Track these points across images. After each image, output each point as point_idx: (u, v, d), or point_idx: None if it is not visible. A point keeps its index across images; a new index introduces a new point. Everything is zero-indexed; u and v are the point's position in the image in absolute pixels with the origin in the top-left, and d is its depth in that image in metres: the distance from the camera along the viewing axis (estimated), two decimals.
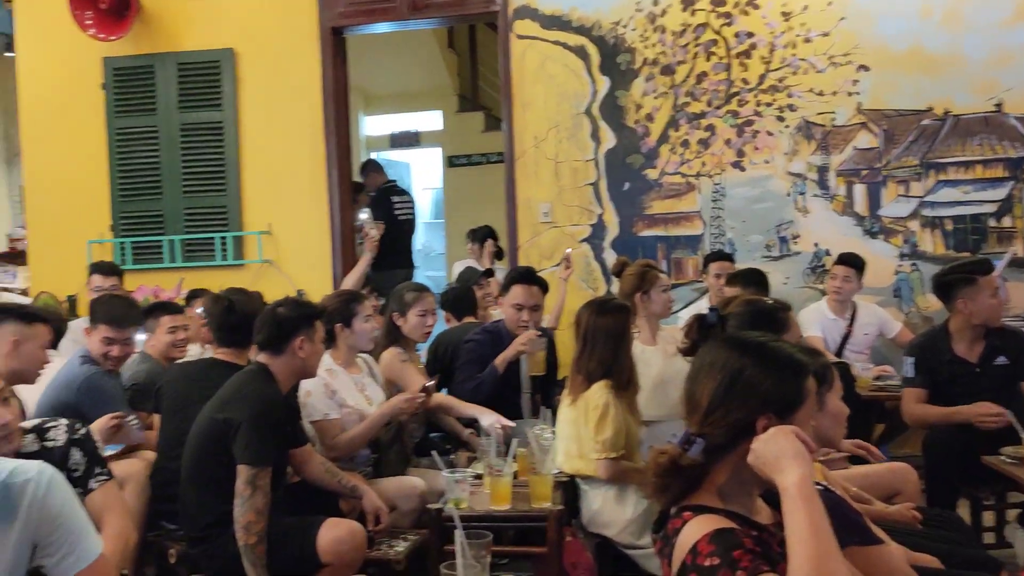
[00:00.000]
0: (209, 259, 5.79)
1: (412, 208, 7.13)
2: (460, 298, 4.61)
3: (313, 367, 3.05)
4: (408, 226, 7.03)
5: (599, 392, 3.03)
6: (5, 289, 8.50)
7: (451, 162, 9.26)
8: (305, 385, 3.23)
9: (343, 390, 3.39)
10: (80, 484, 2.20)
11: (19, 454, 2.10)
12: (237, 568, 2.66)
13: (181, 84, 5.79)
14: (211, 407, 2.85)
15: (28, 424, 2.32)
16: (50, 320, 3.11)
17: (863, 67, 5.03)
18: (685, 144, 5.23)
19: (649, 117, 5.28)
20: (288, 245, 5.77)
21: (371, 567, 2.81)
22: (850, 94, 5.06)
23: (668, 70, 5.25)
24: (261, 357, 2.94)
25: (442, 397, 3.74)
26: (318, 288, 5.38)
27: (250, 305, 3.24)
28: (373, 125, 9.65)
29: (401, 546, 3.00)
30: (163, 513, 3.15)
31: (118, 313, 3.50)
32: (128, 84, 5.86)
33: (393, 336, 3.87)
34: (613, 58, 5.30)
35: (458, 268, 6.19)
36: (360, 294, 3.67)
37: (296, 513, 2.91)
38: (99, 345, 3.45)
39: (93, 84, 5.89)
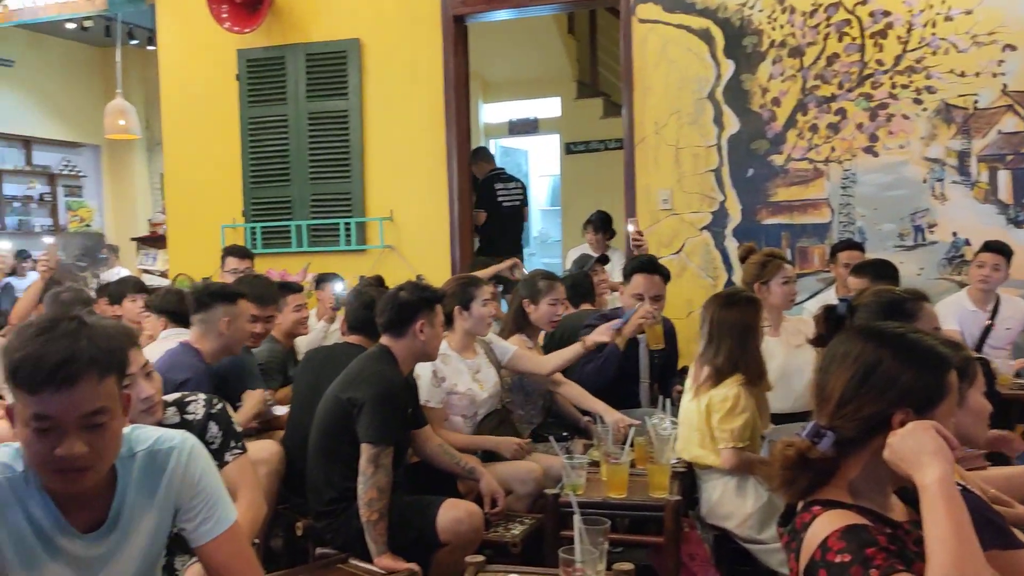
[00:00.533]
0: (333, 244, 5.97)
1: (519, 195, 7.12)
2: (577, 284, 4.59)
3: (434, 350, 3.10)
4: (514, 213, 7.04)
5: (730, 386, 2.96)
6: (146, 271, 9.03)
7: (569, 149, 9.22)
8: (416, 368, 3.30)
9: (454, 375, 3.41)
10: (216, 456, 2.30)
11: (161, 425, 2.22)
12: (360, 542, 2.74)
13: (309, 74, 5.97)
14: (336, 387, 2.95)
15: (170, 398, 2.45)
16: (247, 294, 3.39)
17: (1009, 47, 4.72)
18: (814, 129, 5.05)
19: (775, 101, 5.11)
20: (408, 231, 5.88)
21: (487, 548, 2.84)
22: (994, 75, 4.76)
23: (797, 52, 5.07)
24: (384, 339, 3.02)
25: (570, 388, 3.72)
26: (437, 273, 5.47)
27: None
28: (492, 112, 9.72)
29: (517, 529, 3.02)
30: (292, 487, 3.27)
31: (262, 291, 3.69)
32: (260, 75, 6.08)
33: (520, 323, 3.89)
34: (739, 40, 5.16)
35: (573, 255, 6.18)
36: (479, 279, 3.71)
37: (416, 492, 2.98)
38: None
39: (228, 75, 6.14)
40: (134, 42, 9.27)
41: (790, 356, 3.59)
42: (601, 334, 3.58)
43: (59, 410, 1.48)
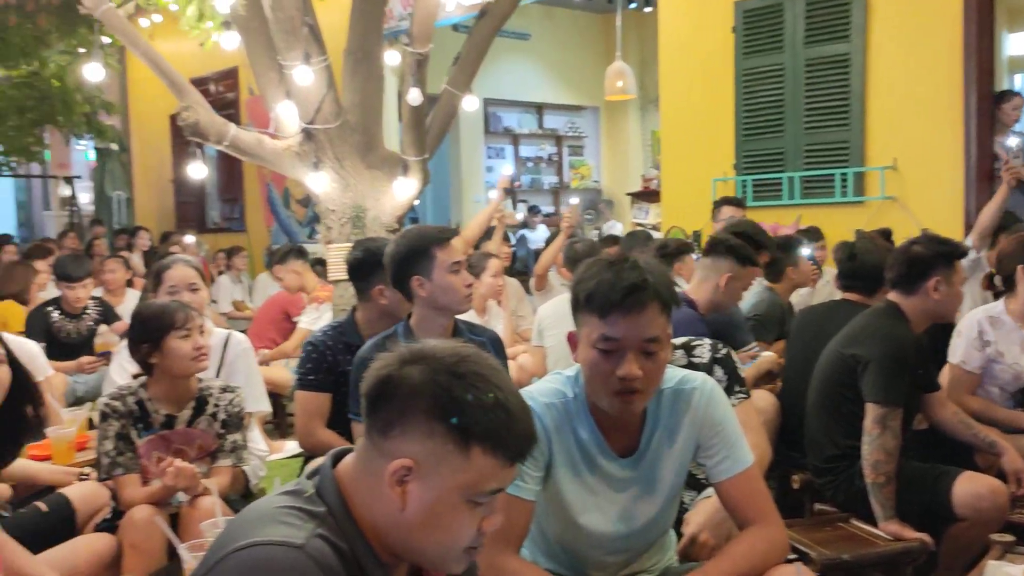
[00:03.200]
0: (827, 196, 5.74)
1: None
2: None
3: (950, 311, 2.86)
4: None
5: None
6: (639, 224, 9.58)
7: None
8: (961, 324, 3.08)
9: (1004, 343, 3.06)
10: None
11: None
12: (862, 503, 2.64)
13: (808, 19, 5.76)
14: (839, 341, 2.85)
15: (678, 341, 2.57)
16: (758, 264, 3.39)
17: None
18: None
19: None
20: (914, 180, 5.41)
21: (1012, 530, 2.54)
22: None
23: None
24: (892, 295, 2.85)
25: None
26: (946, 227, 4.97)
27: (874, 254, 3.18)
28: (1020, 43, 8.46)
29: None
30: (788, 440, 3.26)
31: (760, 239, 3.77)
32: (757, 25, 6.03)
33: None
34: None
35: None
36: None
37: (925, 460, 2.77)
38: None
39: (724, 29, 6.19)
40: (632, 6, 9.78)
41: None
42: None
43: (624, 332, 1.66)
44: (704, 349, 2.60)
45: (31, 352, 3.29)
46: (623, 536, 1.85)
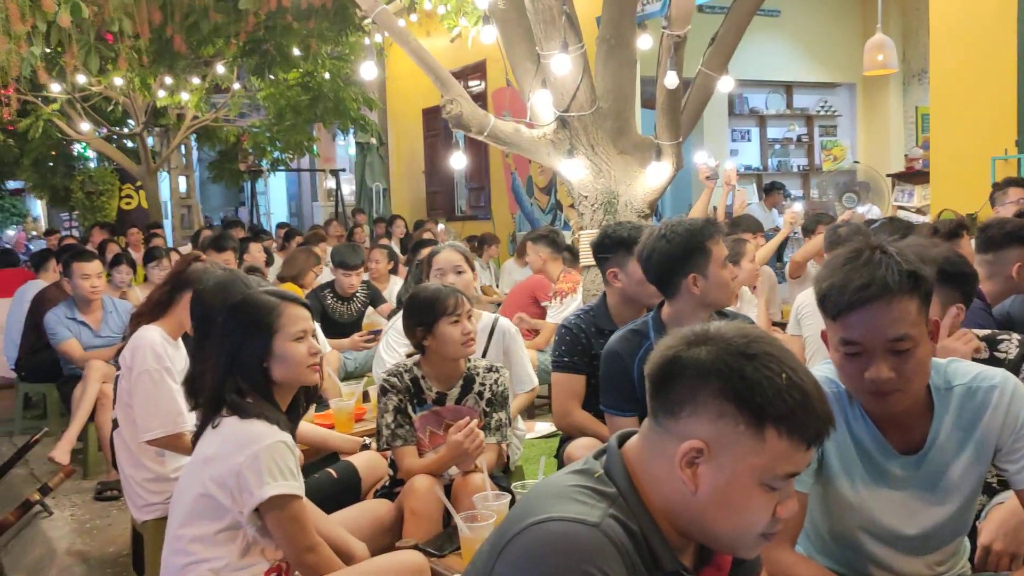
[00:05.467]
0: None
1: None
2: None
3: None
4: None
5: None
6: (900, 207, 8.91)
7: None
8: None
9: None
10: None
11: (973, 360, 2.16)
12: None
13: None
14: None
15: (980, 333, 2.37)
16: None
17: None
18: None
19: None
20: None
21: None
22: None
23: None
24: None
25: None
26: None
27: None
28: None
29: None
30: None
31: None
32: None
33: None
34: None
35: None
36: None
37: None
38: None
39: None
40: None
41: None
42: None
43: (862, 335, 1.56)
44: (1011, 344, 2.37)
45: None
46: (907, 538, 1.73)
